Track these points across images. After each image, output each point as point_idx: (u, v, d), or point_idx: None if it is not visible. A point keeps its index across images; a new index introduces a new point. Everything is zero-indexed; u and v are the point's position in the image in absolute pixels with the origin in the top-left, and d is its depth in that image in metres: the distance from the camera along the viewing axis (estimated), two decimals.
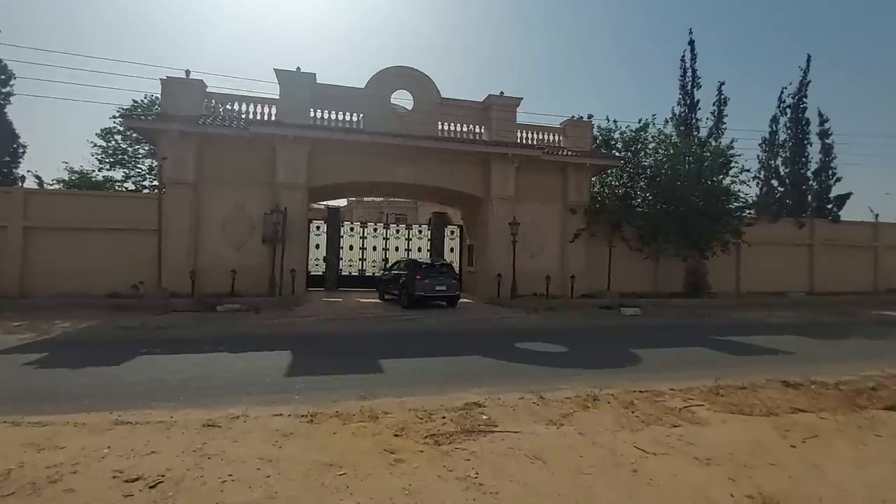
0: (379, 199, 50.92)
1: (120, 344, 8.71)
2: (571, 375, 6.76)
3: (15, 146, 17.21)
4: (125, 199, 16.11)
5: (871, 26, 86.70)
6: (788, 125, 23.93)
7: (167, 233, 15.27)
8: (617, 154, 19.13)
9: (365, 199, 53.88)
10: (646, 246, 19.27)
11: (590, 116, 19.67)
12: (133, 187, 19.70)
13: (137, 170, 20.09)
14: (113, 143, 19.55)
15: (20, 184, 17.43)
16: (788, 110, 23.84)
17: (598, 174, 19.93)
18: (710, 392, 5.89)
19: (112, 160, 19.49)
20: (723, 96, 21.22)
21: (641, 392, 5.85)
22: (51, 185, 18.63)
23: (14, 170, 17.45)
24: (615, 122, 19.34)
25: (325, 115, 16.70)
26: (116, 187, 19.53)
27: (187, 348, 8.28)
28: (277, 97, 16.38)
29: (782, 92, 24.02)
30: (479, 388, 5.96)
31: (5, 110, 17.21)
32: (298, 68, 16.29)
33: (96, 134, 19.09)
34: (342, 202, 51.89)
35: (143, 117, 14.88)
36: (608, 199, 19.13)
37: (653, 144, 19.22)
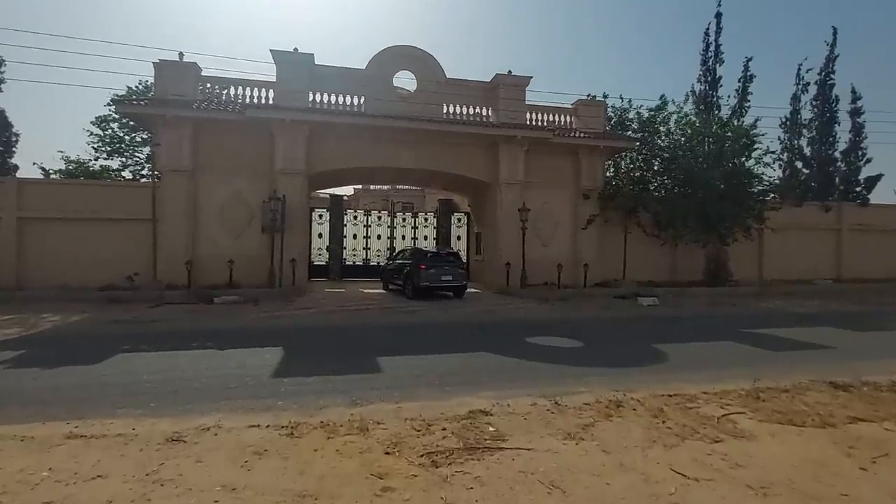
0: (385, 187, 50.32)
1: (106, 339, 8.19)
2: (589, 375, 6.07)
3: (7, 135, 16.76)
4: (121, 189, 15.61)
5: None
6: (814, 103, 22.66)
7: (163, 222, 14.77)
8: (632, 135, 18.15)
9: (371, 187, 53.46)
10: (662, 232, 18.36)
11: (604, 96, 18.71)
12: (131, 176, 19.19)
13: (136, 158, 19.57)
14: (109, 131, 19.02)
15: (13, 174, 17.01)
16: (809, 87, 22.58)
17: (613, 157, 19.01)
18: (750, 396, 5.17)
19: (109, 149, 18.99)
20: (749, 73, 20.02)
21: (670, 396, 5.15)
22: (50, 174, 18.21)
23: (8, 159, 17.01)
24: (630, 101, 18.30)
25: (325, 98, 15.95)
26: (114, 176, 19.02)
27: (175, 344, 7.73)
28: (274, 80, 15.69)
29: (800, 68, 22.77)
30: (485, 390, 5.30)
31: None
32: (296, 49, 15.56)
33: (91, 122, 18.53)
34: (348, 190, 51.44)
35: (135, 102, 14.28)
36: (623, 183, 18.22)
37: (671, 124, 18.17)
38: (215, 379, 5.73)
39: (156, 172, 14.39)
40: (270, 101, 15.56)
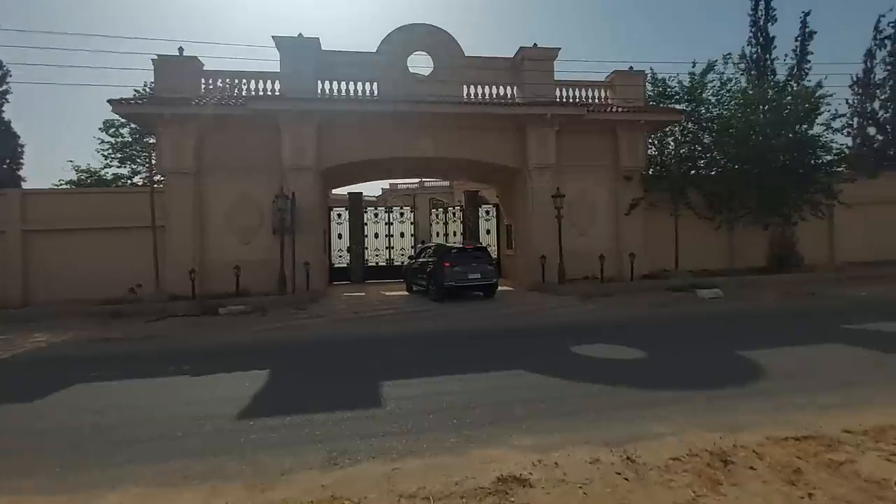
0: (413, 185, 49.25)
1: (79, 364, 7.07)
2: (665, 403, 4.42)
3: (13, 146, 16.34)
4: (124, 196, 14.81)
5: None
6: (889, 59, 19.81)
7: (168, 229, 13.85)
8: (677, 108, 16.05)
9: (399, 186, 52.53)
10: (717, 214, 16.24)
11: (643, 72, 16.63)
12: (141, 183, 18.51)
13: (148, 164, 18.89)
14: (120, 138, 18.42)
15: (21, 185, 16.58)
16: (888, 42, 19.70)
17: (655, 133, 16.95)
18: None
19: (121, 155, 18.38)
20: (807, 29, 17.54)
21: (800, 441, 3.46)
22: (58, 185, 17.72)
23: (16, 171, 16.60)
24: (662, 74, 16.22)
25: (334, 87, 14.68)
26: (126, 185, 18.39)
27: (151, 369, 6.52)
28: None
29: (879, 21, 19.91)
30: (522, 435, 3.75)
31: (2, 109, 16.28)
32: (300, 34, 14.33)
33: (99, 128, 17.90)
34: (375, 191, 50.54)
35: (132, 101, 13.39)
36: (669, 161, 16.17)
37: (721, 91, 15.97)
38: (167, 422, 4.39)
39: (155, 176, 13.43)
40: (277, 93, 14.45)
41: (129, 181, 18.49)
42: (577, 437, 3.65)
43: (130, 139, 17.93)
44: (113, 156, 18.35)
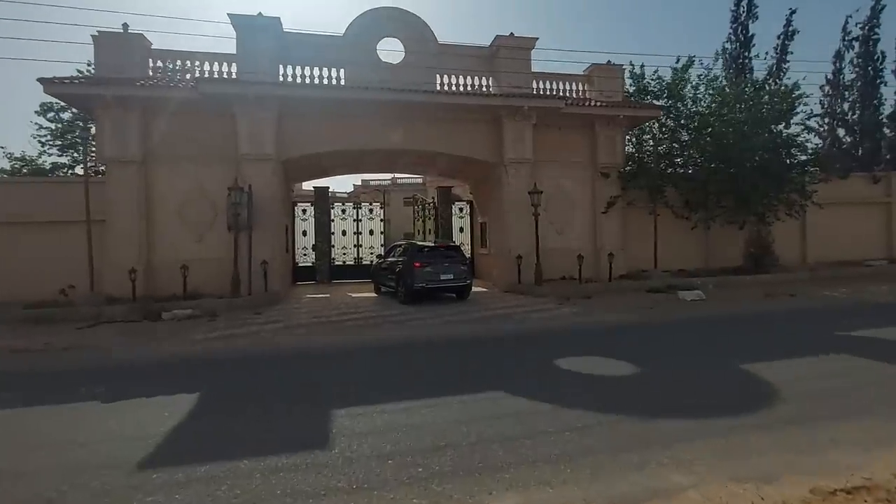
0: (386, 181, 48.05)
1: None
2: (677, 439, 3.67)
3: None
4: (59, 186, 13.28)
5: None
6: (856, 62, 19.99)
7: (109, 223, 12.49)
8: (656, 104, 15.60)
9: (371, 183, 51.19)
10: (693, 213, 15.92)
11: (622, 66, 16.09)
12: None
13: (92, 154, 17.21)
14: (59, 123, 16.70)
15: None
16: (856, 43, 19.87)
17: (633, 129, 16.49)
18: None
19: (61, 142, 16.69)
20: (791, 28, 17.41)
21: (849, 493, 2.77)
22: None
23: None
24: (642, 66, 15.73)
25: (297, 72, 13.57)
26: (66, 175, 16.70)
27: (52, 393, 5.43)
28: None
29: (847, 21, 20.06)
30: (505, 490, 2.94)
31: None
32: (260, 13, 13.14)
33: (36, 111, 16.18)
34: (346, 187, 48.99)
35: (67, 81, 11.95)
36: (647, 158, 15.74)
37: (701, 88, 15.61)
38: (42, 475, 3.37)
39: (93, 165, 12.05)
40: (233, 76, 13.23)
41: (69, 171, 16.81)
42: (575, 493, 2.86)
43: (71, 125, 16.27)
44: (52, 143, 16.63)
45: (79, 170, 16.92)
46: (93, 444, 3.87)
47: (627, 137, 16.41)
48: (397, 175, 49.75)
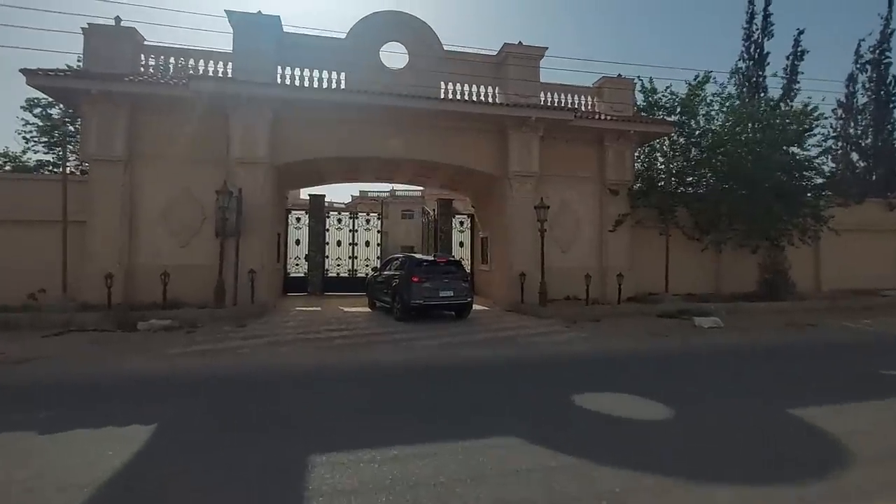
0: (384, 193, 47.52)
1: None
2: None
3: None
4: (34, 184, 12.51)
5: None
6: (868, 85, 19.62)
7: (89, 225, 11.77)
8: (668, 119, 15.06)
9: (369, 194, 50.66)
10: (704, 235, 15.29)
11: (633, 80, 15.55)
12: (71, 172, 16.14)
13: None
14: (47, 120, 16.03)
15: None
16: (868, 67, 19.51)
17: (643, 145, 15.93)
18: None
19: (48, 139, 16.01)
20: (800, 49, 17.03)
21: None
22: None
23: None
24: (651, 80, 15.25)
25: (295, 74, 12.96)
26: (52, 173, 15.96)
27: None
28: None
29: (859, 45, 19.74)
30: None
31: None
32: (259, 11, 12.59)
33: (22, 107, 15.51)
34: (344, 197, 48.33)
35: (51, 74, 11.29)
36: (659, 175, 15.15)
37: (715, 105, 15.10)
38: None
39: (77, 163, 11.33)
40: (229, 76, 12.60)
41: (54, 169, 16.07)
42: None
43: (57, 121, 15.60)
44: (38, 139, 15.93)
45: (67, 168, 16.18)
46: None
47: (636, 154, 15.84)
48: (396, 187, 49.32)
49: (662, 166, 15.16)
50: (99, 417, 4.61)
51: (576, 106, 14.87)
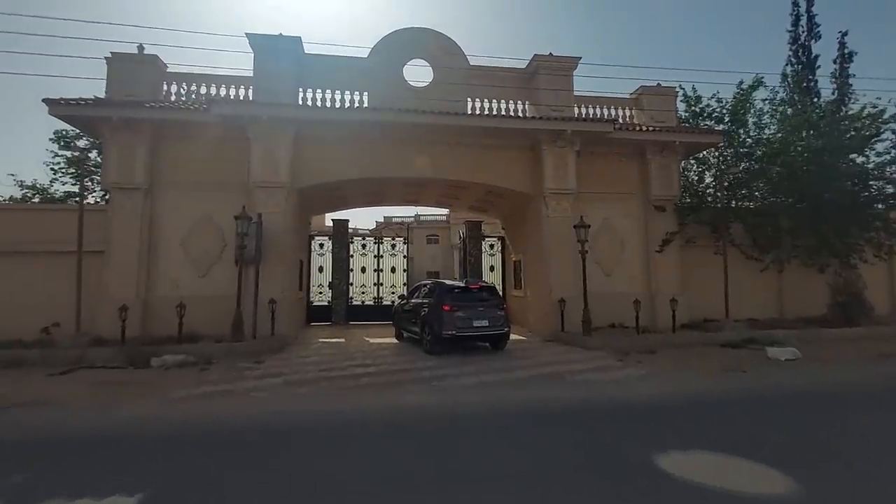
0: (409, 218, 47.16)
1: None
2: None
3: None
4: (53, 214, 12.20)
5: None
6: None
7: (108, 255, 11.38)
8: (717, 129, 13.88)
9: (394, 219, 50.45)
10: (765, 253, 13.85)
11: (674, 88, 14.48)
12: (94, 202, 16.07)
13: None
14: (75, 152, 16.09)
15: None
16: None
17: (687, 158, 14.77)
18: None
19: (75, 170, 16.03)
20: (846, 50, 15.75)
21: None
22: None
23: None
24: (693, 88, 14.17)
25: (317, 96, 12.49)
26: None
27: None
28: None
29: None
30: None
31: None
32: (280, 34, 12.25)
33: (50, 139, 15.59)
34: (369, 223, 48.14)
35: (72, 102, 11.12)
36: (710, 189, 13.91)
37: (765, 112, 13.89)
38: None
39: (82, 190, 10.99)
40: (251, 99, 12.22)
41: (78, 200, 16.02)
42: None
43: (84, 152, 15.59)
44: (66, 170, 15.96)
45: (91, 199, 16.12)
46: None
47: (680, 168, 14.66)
48: (420, 212, 48.95)
49: (713, 179, 13.88)
50: (77, 485, 3.77)
51: (613, 118, 13.91)
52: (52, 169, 15.89)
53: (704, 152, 14.59)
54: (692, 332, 12.05)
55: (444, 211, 45.69)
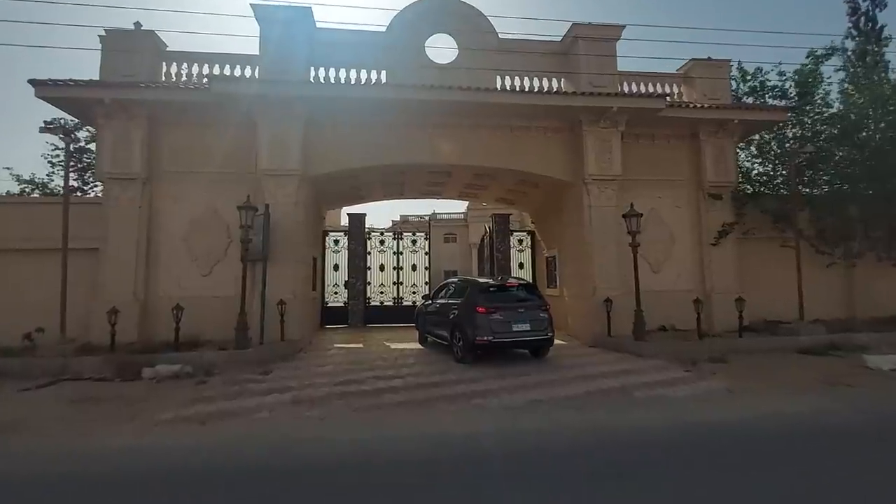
0: (425, 217, 45.90)
1: None
2: None
3: None
4: (43, 208, 11.14)
5: None
6: None
7: (103, 253, 10.34)
8: (780, 105, 12.29)
9: (410, 218, 49.27)
10: (832, 247, 12.24)
11: (728, 61, 12.91)
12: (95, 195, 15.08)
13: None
14: (76, 143, 15.11)
15: None
16: None
17: (744, 140, 13.19)
18: None
19: (74, 162, 15.08)
20: None
21: None
22: None
23: None
24: (739, 67, 12.57)
25: (330, 74, 11.27)
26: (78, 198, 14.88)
27: None
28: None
29: None
30: None
31: None
32: (290, 5, 11.05)
33: (40, 128, 14.52)
34: (385, 222, 47.02)
35: (60, 83, 10.04)
36: (774, 174, 12.35)
37: (832, 87, 12.29)
38: None
39: (67, 182, 9.90)
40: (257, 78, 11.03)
41: (81, 194, 15.06)
42: None
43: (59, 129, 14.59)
44: (63, 163, 14.92)
45: (91, 192, 15.17)
46: None
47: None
48: (438, 209, 47.66)
49: (776, 162, 12.29)
50: None
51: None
52: (49, 162, 14.94)
53: (758, 135, 13.02)
54: (757, 335, 10.49)
55: (462, 209, 44.51)
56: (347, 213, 15.74)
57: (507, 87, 11.65)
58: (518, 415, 5.52)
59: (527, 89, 11.55)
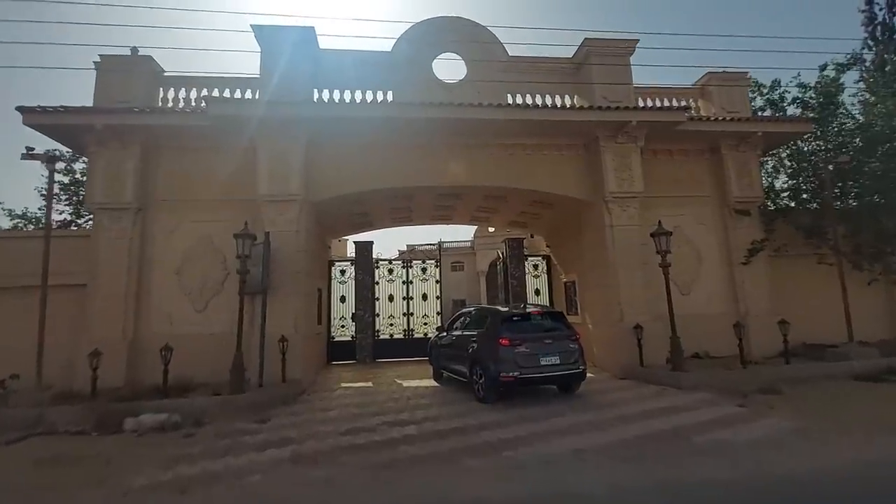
0: (433, 245, 45.28)
1: None
2: None
3: None
4: (24, 242, 10.38)
5: None
6: None
7: (92, 289, 9.63)
8: (805, 117, 11.70)
9: (417, 247, 48.67)
10: (870, 263, 11.44)
11: (746, 73, 12.44)
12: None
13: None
14: (71, 174, 14.65)
15: None
16: None
17: (767, 154, 12.57)
18: None
19: (69, 195, 14.52)
20: None
21: None
22: None
23: None
24: (755, 81, 12.12)
25: (335, 96, 10.80)
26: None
27: None
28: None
29: None
30: None
31: None
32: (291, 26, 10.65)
33: (22, 154, 13.94)
34: (391, 251, 46.46)
35: (50, 110, 9.54)
36: (804, 187, 11.67)
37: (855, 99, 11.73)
38: None
39: (49, 213, 9.27)
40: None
41: (76, 227, 14.45)
42: None
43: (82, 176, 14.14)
44: (58, 197, 14.42)
45: (86, 225, 14.54)
46: None
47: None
48: (445, 238, 47.08)
49: (807, 174, 11.63)
50: None
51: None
52: (41, 195, 14.39)
53: (781, 147, 12.42)
54: (804, 361, 9.57)
55: (468, 238, 43.93)
56: (354, 242, 15.04)
57: (519, 106, 11.10)
58: (562, 471, 4.62)
59: (539, 106, 11.01)
